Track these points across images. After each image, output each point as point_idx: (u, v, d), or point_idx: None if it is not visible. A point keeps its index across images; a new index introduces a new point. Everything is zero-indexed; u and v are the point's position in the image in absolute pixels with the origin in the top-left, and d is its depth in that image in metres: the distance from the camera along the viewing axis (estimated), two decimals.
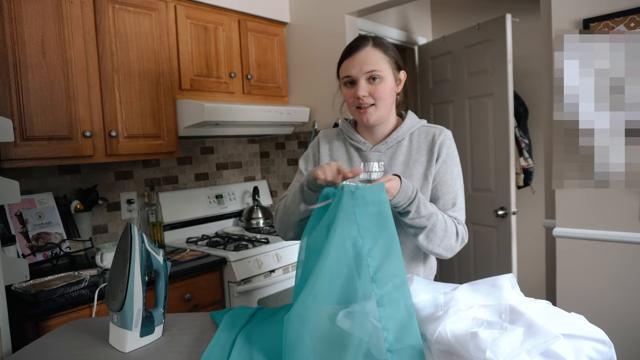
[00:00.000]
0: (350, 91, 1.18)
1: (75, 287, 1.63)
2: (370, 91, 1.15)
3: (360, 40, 1.18)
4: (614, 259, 1.59)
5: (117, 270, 0.99)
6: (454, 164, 1.21)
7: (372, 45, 1.16)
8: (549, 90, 1.88)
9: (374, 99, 1.16)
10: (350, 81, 1.17)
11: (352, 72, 1.16)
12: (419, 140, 1.22)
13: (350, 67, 1.16)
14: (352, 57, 1.16)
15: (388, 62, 1.17)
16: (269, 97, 2.66)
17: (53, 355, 0.99)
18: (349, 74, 1.16)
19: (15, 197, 1.25)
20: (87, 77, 1.87)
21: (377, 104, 1.16)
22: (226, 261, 2.03)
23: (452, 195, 1.18)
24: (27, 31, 1.70)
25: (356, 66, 1.15)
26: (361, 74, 1.15)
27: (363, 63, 1.14)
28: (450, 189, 1.19)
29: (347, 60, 1.17)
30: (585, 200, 1.63)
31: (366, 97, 1.15)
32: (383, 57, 1.16)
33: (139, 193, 2.39)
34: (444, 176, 1.19)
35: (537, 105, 2.87)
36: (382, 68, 1.15)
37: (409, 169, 1.20)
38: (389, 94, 1.18)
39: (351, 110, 1.21)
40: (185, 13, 2.24)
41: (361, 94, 1.15)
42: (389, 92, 1.17)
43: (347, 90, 1.19)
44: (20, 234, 1.88)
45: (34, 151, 1.72)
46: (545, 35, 1.90)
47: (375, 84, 1.15)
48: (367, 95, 1.15)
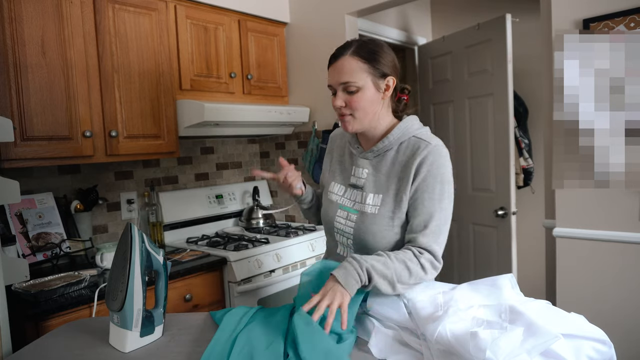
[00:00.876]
0: (333, 100, 1.17)
1: (75, 287, 1.63)
2: (346, 101, 1.13)
3: (341, 48, 1.15)
4: (614, 259, 1.59)
5: (117, 270, 0.99)
6: (436, 182, 1.10)
7: (350, 54, 1.12)
8: (549, 90, 1.88)
9: (350, 109, 1.14)
10: (332, 91, 1.17)
11: (331, 81, 1.16)
12: (405, 152, 1.16)
13: (330, 77, 1.16)
14: (332, 65, 1.15)
15: (366, 71, 1.12)
16: (269, 97, 2.66)
17: (53, 355, 0.99)
18: (329, 84, 1.17)
19: (15, 197, 1.25)
20: (87, 77, 1.87)
21: (354, 114, 1.14)
22: (226, 261, 2.03)
23: (424, 217, 1.09)
24: (27, 31, 1.70)
25: (334, 76, 1.14)
26: (337, 85, 1.14)
27: (338, 73, 1.13)
28: (425, 210, 1.09)
29: (330, 68, 1.17)
30: (585, 200, 1.63)
31: (343, 108, 1.14)
32: (360, 66, 1.11)
33: (139, 193, 2.39)
34: (421, 195, 1.10)
35: (537, 105, 2.88)
36: (357, 78, 1.11)
37: (388, 182, 1.16)
38: (369, 104, 1.13)
39: (338, 118, 1.22)
40: (185, 13, 2.24)
41: (337, 105, 1.14)
42: (369, 102, 1.13)
43: (333, 98, 1.18)
44: (20, 234, 1.88)
45: (34, 151, 1.72)
46: (545, 35, 1.90)
47: (351, 95, 1.13)
48: (344, 106, 1.14)
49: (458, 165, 2.74)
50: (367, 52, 1.13)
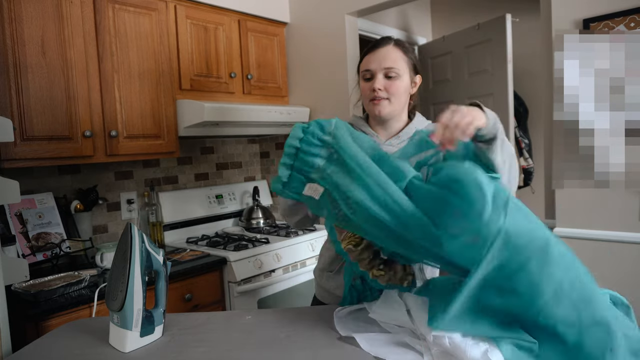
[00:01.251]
0: (368, 84, 1.24)
1: (75, 287, 1.63)
2: (386, 86, 1.21)
3: (383, 39, 1.26)
4: (614, 259, 1.59)
5: (117, 270, 0.99)
6: None
7: (393, 45, 1.24)
8: (549, 90, 1.88)
9: (388, 93, 1.22)
10: (369, 76, 1.24)
11: (372, 66, 1.23)
12: None
13: (370, 62, 1.23)
14: (373, 52, 1.23)
15: (406, 63, 1.23)
16: (269, 97, 2.66)
17: (53, 355, 0.99)
18: (369, 68, 1.23)
19: (15, 197, 1.25)
20: (87, 77, 1.87)
21: (390, 99, 1.22)
22: (226, 261, 2.03)
23: None
24: (27, 31, 1.70)
25: (375, 61, 1.22)
26: (379, 69, 1.21)
27: (383, 59, 1.22)
28: None
29: (369, 55, 1.24)
30: (585, 200, 1.63)
31: (381, 91, 1.21)
32: (402, 56, 1.23)
33: (139, 193, 2.39)
34: None
35: (537, 105, 2.87)
36: (400, 67, 1.22)
37: None
38: (404, 92, 1.24)
39: (365, 103, 1.27)
40: (185, 13, 2.24)
41: (377, 87, 1.21)
42: (404, 90, 1.24)
43: (365, 83, 1.25)
44: (20, 234, 1.88)
45: (34, 151, 1.72)
46: (545, 35, 1.90)
47: (391, 80, 1.21)
48: (382, 89, 1.21)
49: None
50: (407, 47, 1.26)
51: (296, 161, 0.98)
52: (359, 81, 1.30)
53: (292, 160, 0.98)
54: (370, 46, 1.27)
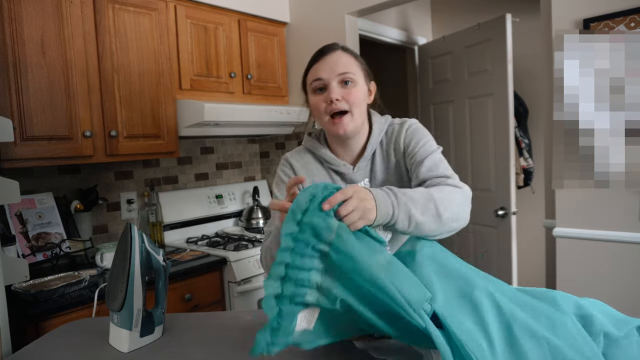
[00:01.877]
0: (321, 97, 1.07)
1: (75, 287, 1.63)
2: (343, 95, 1.05)
3: (328, 46, 1.11)
4: (614, 259, 1.59)
5: (117, 270, 0.99)
6: (421, 137, 1.09)
7: (341, 50, 1.09)
8: (549, 90, 1.88)
9: (348, 103, 1.05)
10: (320, 86, 1.07)
11: (323, 74, 1.06)
12: (389, 141, 1.13)
13: (319, 70, 1.07)
14: (322, 59, 1.08)
15: (359, 67, 1.09)
16: (269, 97, 2.66)
17: (53, 355, 0.99)
18: (319, 77, 1.06)
19: (15, 197, 1.25)
20: (87, 77, 1.87)
21: (352, 111, 1.05)
22: (226, 261, 2.03)
23: (427, 162, 1.04)
24: (27, 31, 1.70)
25: (327, 69, 1.06)
26: (333, 76, 1.05)
27: (334, 65, 1.06)
28: (425, 157, 1.05)
29: (317, 64, 1.08)
30: (585, 200, 1.63)
31: (340, 102, 1.04)
32: (354, 61, 1.09)
33: (139, 193, 2.39)
34: (414, 152, 1.07)
35: (537, 105, 2.87)
36: (355, 71, 1.07)
37: (389, 174, 1.12)
38: (363, 100, 1.09)
39: (323, 122, 1.09)
40: (185, 13, 2.24)
41: (334, 97, 1.03)
42: (363, 98, 1.09)
43: (317, 96, 1.08)
44: (20, 234, 1.88)
45: (34, 151, 1.72)
46: (545, 35, 1.90)
47: (348, 87, 1.05)
48: (340, 99, 1.04)
49: (458, 165, 2.74)
50: (356, 53, 1.12)
51: (286, 285, 0.73)
52: (307, 98, 1.14)
53: (280, 286, 0.73)
54: (315, 55, 1.11)
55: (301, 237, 0.74)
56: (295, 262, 0.73)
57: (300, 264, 0.74)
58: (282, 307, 0.72)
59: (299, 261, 0.74)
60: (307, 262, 0.74)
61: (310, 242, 0.74)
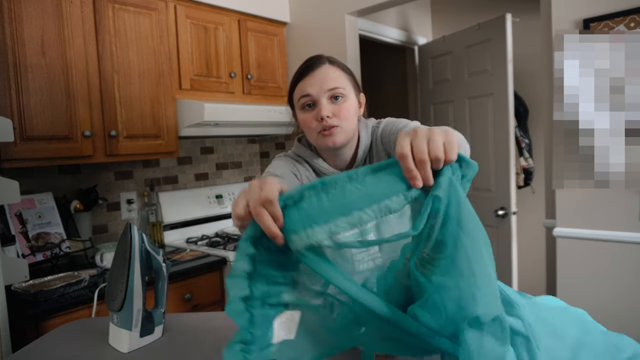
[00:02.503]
0: (311, 114, 1.04)
1: (75, 287, 1.63)
2: (334, 111, 1.02)
3: (315, 59, 1.06)
4: (614, 259, 1.59)
5: (117, 270, 0.99)
6: (399, 123, 1.07)
7: (329, 64, 1.05)
8: (549, 90, 1.88)
9: (338, 119, 1.02)
10: (309, 102, 1.04)
11: (312, 90, 1.02)
12: (375, 146, 1.11)
13: (307, 86, 1.03)
14: (310, 74, 1.04)
15: (349, 80, 1.06)
16: (269, 97, 2.66)
17: (53, 355, 0.99)
18: (308, 93, 1.03)
19: (15, 197, 1.25)
20: (87, 77, 1.87)
21: (341, 125, 1.02)
22: (226, 261, 2.03)
23: (410, 125, 1.01)
24: (27, 31, 1.70)
25: (315, 84, 1.02)
26: (322, 93, 1.02)
27: (323, 80, 1.02)
28: (407, 125, 1.03)
29: (304, 80, 1.04)
30: (585, 200, 1.63)
31: (330, 118, 1.01)
32: (342, 74, 1.06)
33: (139, 193, 2.38)
34: (395, 135, 1.03)
35: (538, 105, 2.87)
36: (345, 85, 1.04)
37: None
38: (353, 115, 1.06)
39: (312, 137, 1.06)
40: (185, 13, 2.24)
41: (324, 114, 1.00)
42: (354, 112, 1.06)
43: (306, 113, 1.04)
44: (20, 234, 1.88)
45: (34, 151, 1.72)
46: (545, 35, 1.90)
47: (338, 103, 1.03)
48: (331, 116, 1.01)
49: None
50: (343, 65, 1.08)
51: (255, 283, 0.59)
52: (295, 113, 1.11)
53: (248, 285, 0.58)
54: (301, 70, 1.06)
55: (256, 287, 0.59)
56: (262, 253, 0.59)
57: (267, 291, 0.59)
58: (254, 311, 0.58)
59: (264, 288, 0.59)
60: (273, 288, 0.60)
61: (272, 277, 0.60)
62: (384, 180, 0.57)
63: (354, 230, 0.56)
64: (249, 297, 0.57)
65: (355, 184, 0.56)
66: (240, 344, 0.56)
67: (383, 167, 0.58)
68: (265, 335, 0.58)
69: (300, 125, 1.09)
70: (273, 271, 0.59)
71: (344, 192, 0.56)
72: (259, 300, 0.58)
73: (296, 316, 0.61)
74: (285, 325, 0.60)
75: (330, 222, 0.55)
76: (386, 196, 0.56)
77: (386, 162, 0.58)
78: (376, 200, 0.55)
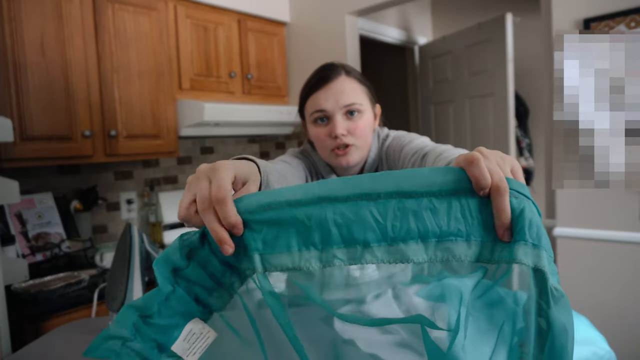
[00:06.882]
0: (324, 129, 0.97)
1: (75, 287, 1.63)
2: (349, 129, 0.95)
3: (330, 69, 0.98)
4: (614, 259, 1.59)
5: (117, 270, 0.99)
6: (408, 138, 0.99)
7: (345, 74, 0.97)
8: (549, 90, 1.88)
9: (354, 137, 0.96)
10: (323, 117, 0.97)
11: (327, 105, 0.95)
12: (384, 156, 1.06)
13: (322, 100, 0.96)
14: (325, 86, 0.96)
15: (365, 94, 0.99)
16: (269, 97, 2.66)
17: (53, 355, 0.99)
18: (322, 108, 0.95)
19: (14, 197, 1.25)
20: (86, 77, 1.87)
21: (356, 144, 0.96)
22: None
23: (428, 146, 0.90)
24: (27, 31, 1.70)
25: (330, 99, 0.95)
26: (337, 108, 0.95)
27: (339, 94, 0.95)
28: (423, 146, 0.92)
29: (318, 92, 0.97)
30: (585, 200, 1.63)
31: (345, 137, 0.95)
32: (359, 87, 0.98)
33: (139, 193, 2.38)
34: (409, 153, 0.94)
35: (538, 105, 2.87)
36: (361, 100, 0.97)
37: None
38: (369, 131, 0.99)
39: (325, 153, 1.00)
40: (185, 13, 2.24)
41: (339, 132, 0.94)
42: (369, 128, 0.99)
43: (319, 128, 0.97)
44: (20, 234, 1.88)
45: (34, 151, 1.72)
46: (546, 35, 1.89)
47: (354, 119, 0.96)
48: (346, 134, 0.95)
49: None
50: (359, 75, 1.01)
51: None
52: (306, 124, 1.03)
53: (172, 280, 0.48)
54: (316, 80, 0.98)
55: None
56: None
57: None
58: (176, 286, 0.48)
59: None
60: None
61: None
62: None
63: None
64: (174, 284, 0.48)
65: None
66: None
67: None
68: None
69: (310, 138, 1.03)
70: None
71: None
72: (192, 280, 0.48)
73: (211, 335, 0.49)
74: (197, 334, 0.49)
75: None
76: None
77: None
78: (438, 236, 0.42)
